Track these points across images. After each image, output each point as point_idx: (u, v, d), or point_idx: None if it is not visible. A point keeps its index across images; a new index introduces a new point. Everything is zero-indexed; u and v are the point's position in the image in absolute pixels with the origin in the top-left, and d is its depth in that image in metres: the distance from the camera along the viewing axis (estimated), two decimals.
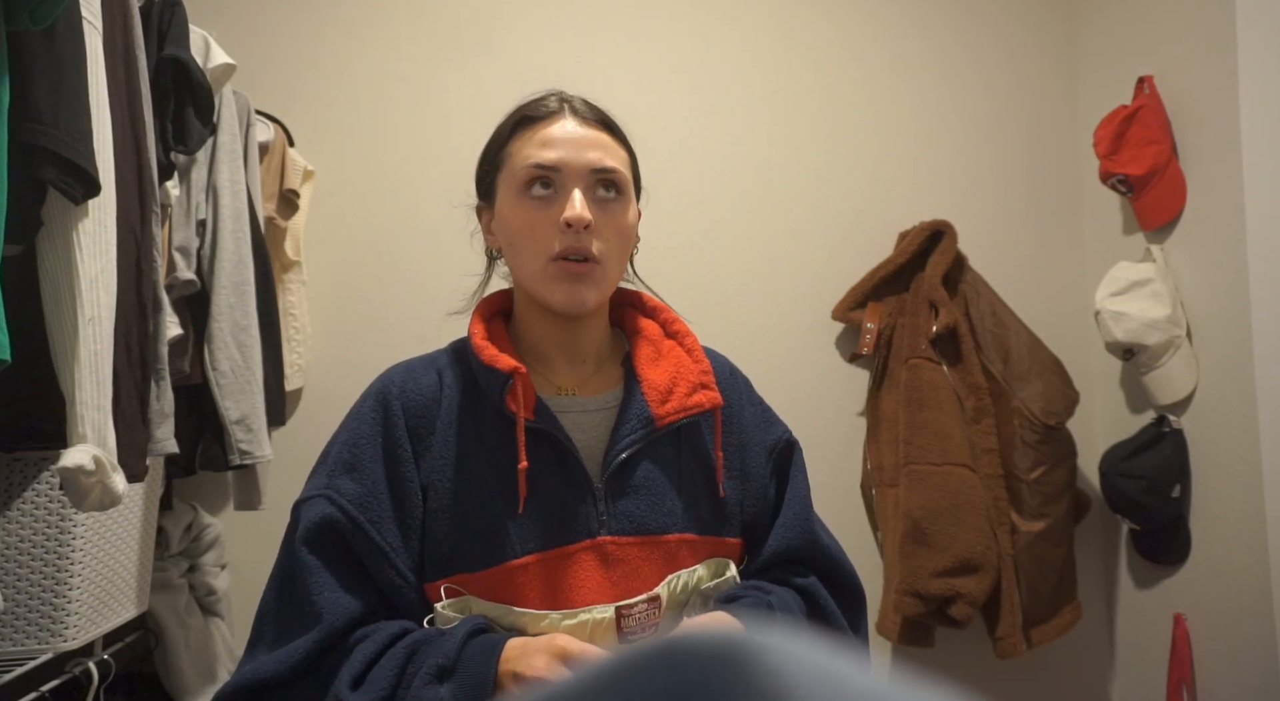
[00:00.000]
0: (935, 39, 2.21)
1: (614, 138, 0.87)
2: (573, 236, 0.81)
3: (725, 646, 0.22)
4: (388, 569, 0.77)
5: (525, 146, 0.84)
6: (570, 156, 0.82)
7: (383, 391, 0.85)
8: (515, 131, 0.85)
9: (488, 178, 0.89)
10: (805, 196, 2.14)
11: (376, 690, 0.68)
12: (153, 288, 1.22)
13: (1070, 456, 1.97)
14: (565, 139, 0.83)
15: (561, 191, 0.82)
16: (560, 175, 0.82)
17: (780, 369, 2.09)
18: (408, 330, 2.00)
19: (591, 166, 0.83)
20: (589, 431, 0.85)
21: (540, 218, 0.82)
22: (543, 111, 0.85)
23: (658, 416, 0.84)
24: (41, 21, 0.89)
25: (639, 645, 0.23)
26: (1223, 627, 1.73)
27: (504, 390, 0.80)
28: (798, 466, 0.95)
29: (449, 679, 0.67)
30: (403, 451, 0.81)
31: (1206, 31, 1.77)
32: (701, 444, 0.88)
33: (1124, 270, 1.88)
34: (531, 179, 0.82)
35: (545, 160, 0.82)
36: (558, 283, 0.82)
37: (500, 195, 0.86)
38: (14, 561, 1.30)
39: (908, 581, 1.83)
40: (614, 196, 0.85)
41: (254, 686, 0.73)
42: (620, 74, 2.11)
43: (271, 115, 1.89)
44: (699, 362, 0.89)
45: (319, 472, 0.82)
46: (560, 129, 0.83)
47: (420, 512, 0.80)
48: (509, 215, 0.84)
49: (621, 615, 0.78)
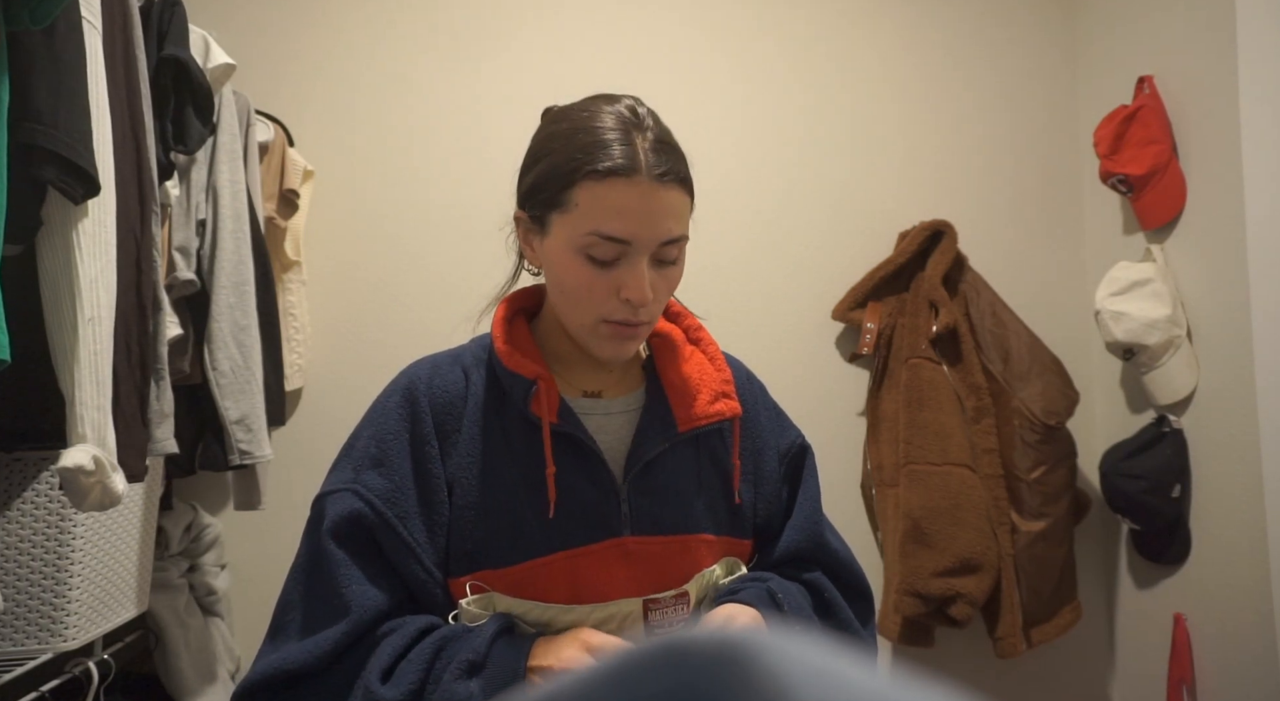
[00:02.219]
0: (935, 39, 2.21)
1: (685, 192, 0.80)
2: (630, 310, 0.79)
3: (725, 646, 0.22)
4: (414, 564, 0.78)
5: (592, 204, 0.76)
6: (641, 231, 0.76)
7: (410, 387, 0.84)
8: (584, 179, 0.76)
9: (541, 206, 0.80)
10: (805, 196, 2.14)
11: (406, 684, 0.68)
12: (153, 288, 1.22)
13: (1070, 456, 1.97)
14: (639, 210, 0.75)
15: (625, 262, 0.77)
16: (628, 249, 0.77)
17: (780, 369, 2.09)
18: (408, 330, 2.00)
19: (661, 240, 0.77)
20: (612, 433, 0.86)
21: (599, 282, 0.78)
22: (620, 167, 0.75)
23: (680, 421, 0.85)
24: (41, 21, 0.89)
25: (639, 645, 0.23)
26: (1223, 627, 1.73)
27: (528, 396, 0.81)
28: (810, 470, 0.97)
29: (479, 674, 0.67)
30: (430, 448, 0.81)
31: (1206, 31, 1.77)
32: (720, 450, 0.90)
33: (1124, 270, 1.88)
34: (594, 246, 0.77)
35: (615, 234, 0.76)
36: (605, 341, 0.81)
37: (554, 234, 0.79)
38: (14, 561, 1.30)
39: (908, 581, 1.83)
40: (674, 260, 0.81)
41: (283, 675, 0.73)
42: (621, 75, 2.11)
43: (271, 115, 1.89)
44: (721, 371, 0.90)
45: (343, 466, 0.82)
46: (636, 195, 0.75)
47: (446, 509, 0.80)
48: (563, 264, 0.79)
49: (649, 608, 0.79)
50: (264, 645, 0.77)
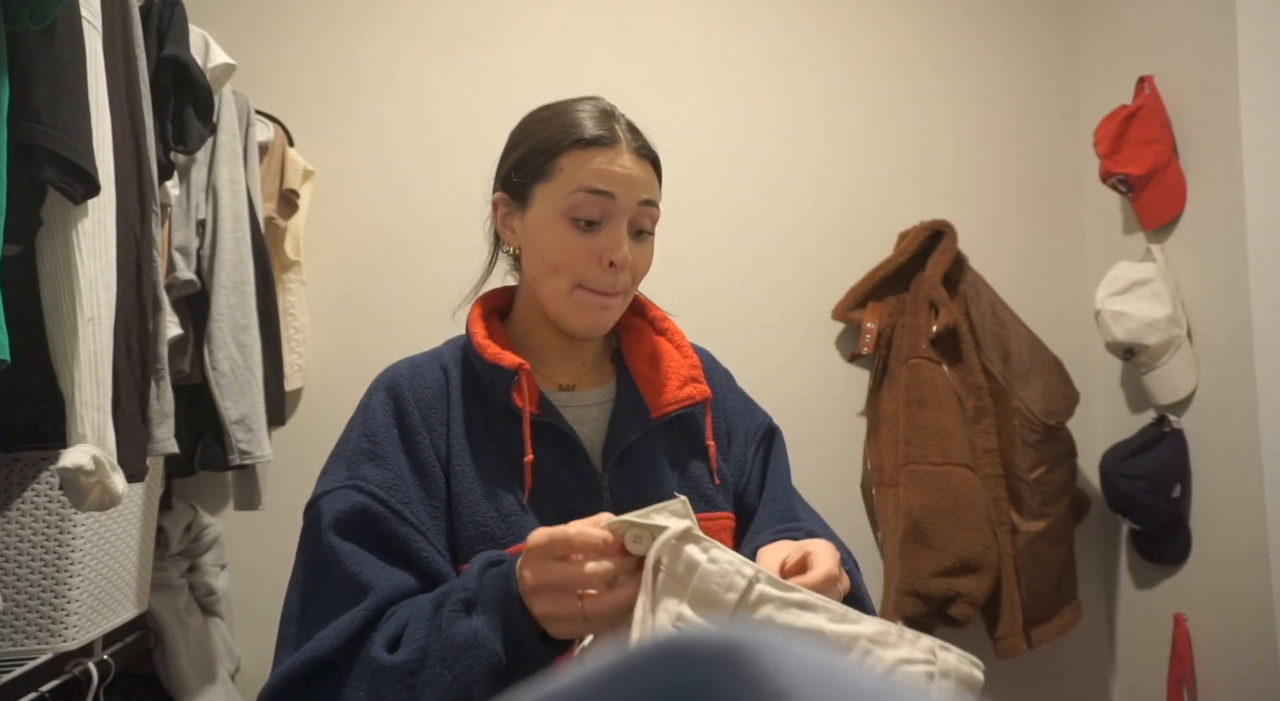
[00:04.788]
0: (935, 39, 2.21)
1: (657, 174, 0.88)
2: (611, 274, 0.84)
3: (725, 646, 0.22)
4: (427, 548, 0.77)
5: (579, 169, 0.82)
6: (623, 194, 0.83)
7: (391, 385, 0.85)
8: (569, 148, 0.83)
9: (523, 180, 0.86)
10: (805, 196, 2.14)
11: (412, 646, 0.66)
12: (153, 288, 1.22)
13: (1070, 456, 1.97)
14: (622, 175, 0.83)
15: (607, 226, 0.83)
16: (611, 208, 0.83)
17: (780, 369, 2.09)
18: (408, 330, 2.00)
19: (640, 199, 0.84)
20: (589, 424, 0.88)
21: (581, 246, 0.83)
22: (603, 137, 0.83)
23: (653, 408, 0.88)
24: (41, 21, 0.89)
25: (639, 645, 0.23)
26: (1223, 627, 1.73)
27: (509, 386, 0.82)
28: (779, 448, 1.00)
29: (476, 609, 0.66)
30: (420, 437, 0.82)
31: (1206, 31, 1.77)
32: (694, 433, 0.92)
33: (1124, 270, 1.88)
34: (580, 205, 0.82)
35: (600, 187, 0.82)
36: (583, 309, 0.85)
37: (537, 204, 0.85)
38: (14, 561, 1.30)
39: (908, 581, 1.83)
40: (647, 234, 0.87)
41: (314, 663, 0.69)
42: (620, 74, 2.11)
43: (271, 115, 1.89)
44: (688, 357, 0.93)
45: (336, 467, 0.81)
46: (619, 163, 0.83)
47: (445, 495, 0.81)
48: (545, 231, 0.84)
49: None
50: (277, 655, 0.73)
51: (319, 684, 0.70)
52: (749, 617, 0.58)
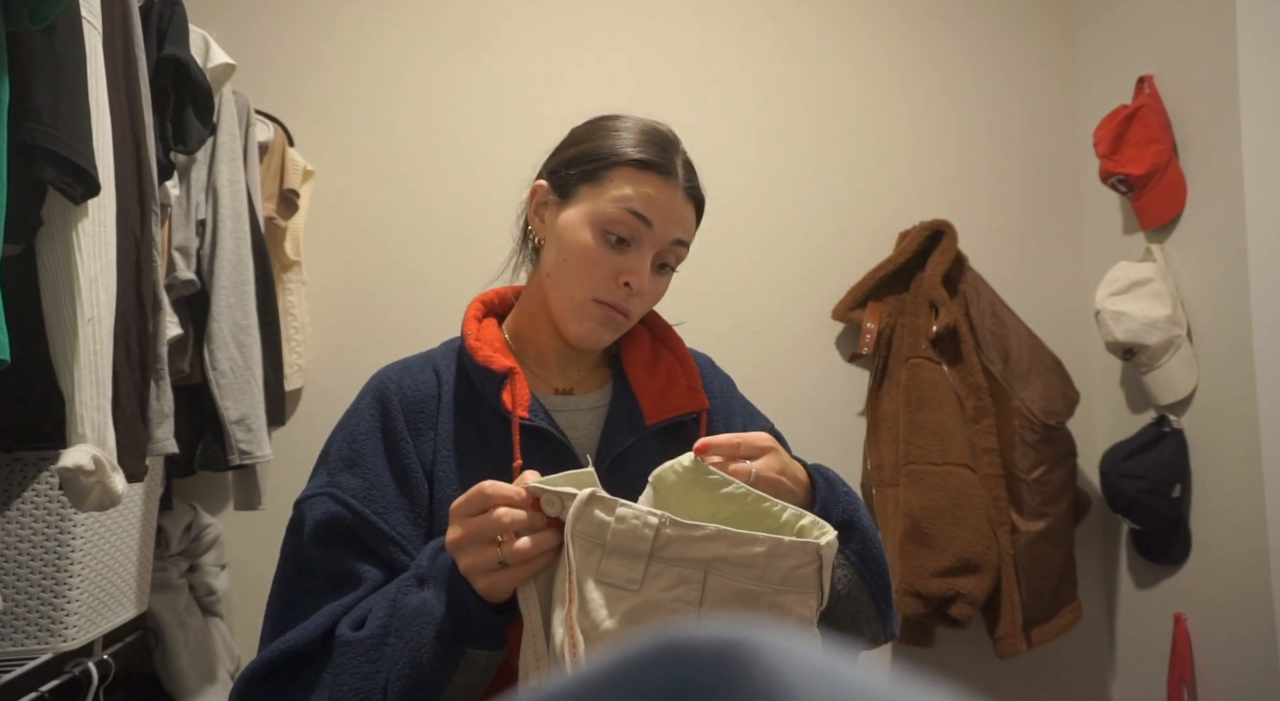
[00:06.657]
0: (935, 39, 2.21)
1: (698, 217, 0.90)
2: (623, 294, 0.85)
3: (725, 645, 0.22)
4: (402, 556, 0.78)
5: (627, 187, 0.83)
6: (661, 226, 0.84)
7: (379, 388, 0.85)
8: (626, 164, 0.84)
9: (573, 176, 0.87)
10: (805, 196, 2.14)
11: (375, 623, 0.69)
12: (153, 288, 1.22)
13: (1070, 456, 1.97)
14: (666, 207, 0.84)
15: (635, 249, 0.84)
16: (645, 235, 0.84)
17: (780, 369, 2.09)
18: (407, 329, 2.00)
19: (674, 237, 0.86)
20: (582, 429, 0.88)
21: (604, 260, 0.84)
22: (661, 166, 0.84)
23: (647, 415, 0.88)
24: (41, 21, 0.89)
25: (639, 644, 0.23)
26: (1223, 627, 1.73)
27: (499, 390, 0.82)
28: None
29: (427, 583, 0.70)
30: (404, 443, 0.82)
31: (1206, 31, 1.77)
32: (689, 442, 0.90)
33: (1124, 270, 1.88)
34: (617, 220, 0.83)
35: (641, 212, 0.83)
36: (588, 321, 0.85)
37: (577, 204, 0.86)
38: (14, 561, 1.30)
39: (908, 581, 1.83)
40: (669, 269, 0.89)
41: (289, 654, 0.71)
42: (619, 74, 2.11)
43: (271, 115, 1.89)
44: (687, 366, 0.93)
45: (319, 472, 0.83)
46: (666, 195, 0.84)
47: (427, 501, 0.81)
48: (575, 232, 0.85)
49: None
50: (259, 648, 0.76)
51: (293, 669, 0.72)
52: (664, 556, 0.64)
